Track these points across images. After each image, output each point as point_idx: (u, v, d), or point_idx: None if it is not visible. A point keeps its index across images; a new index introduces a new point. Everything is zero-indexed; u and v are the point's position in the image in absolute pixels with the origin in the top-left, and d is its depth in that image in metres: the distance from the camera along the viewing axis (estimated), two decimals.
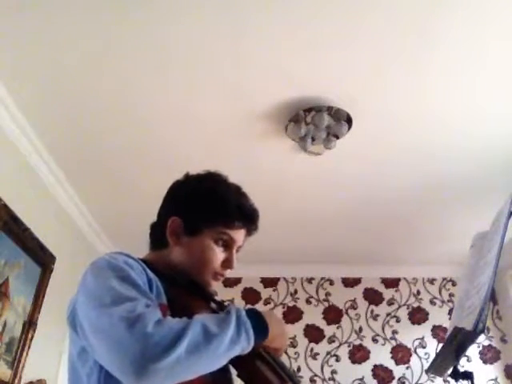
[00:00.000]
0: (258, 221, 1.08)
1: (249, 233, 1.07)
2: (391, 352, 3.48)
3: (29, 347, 2.28)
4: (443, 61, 1.90)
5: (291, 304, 3.67)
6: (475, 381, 0.95)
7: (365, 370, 3.42)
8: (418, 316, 3.60)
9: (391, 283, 3.73)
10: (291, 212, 3.00)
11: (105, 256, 0.91)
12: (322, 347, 3.50)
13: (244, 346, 0.81)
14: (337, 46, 1.83)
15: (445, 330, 3.43)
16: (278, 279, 3.77)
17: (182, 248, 1.01)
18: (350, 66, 1.93)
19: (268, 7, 1.67)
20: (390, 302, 3.66)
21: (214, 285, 1.03)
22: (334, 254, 3.55)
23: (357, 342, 3.52)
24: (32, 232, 2.33)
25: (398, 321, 3.59)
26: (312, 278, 3.76)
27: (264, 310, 3.42)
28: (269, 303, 3.67)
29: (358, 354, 3.48)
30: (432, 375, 3.31)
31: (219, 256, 1.01)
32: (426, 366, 3.33)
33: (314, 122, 2.15)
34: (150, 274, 0.90)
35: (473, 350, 3.40)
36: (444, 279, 3.72)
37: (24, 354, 2.25)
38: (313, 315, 3.62)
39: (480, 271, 1.04)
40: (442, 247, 3.41)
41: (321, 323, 3.59)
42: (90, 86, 2.04)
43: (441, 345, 3.44)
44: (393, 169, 2.59)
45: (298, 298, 3.70)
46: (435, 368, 1.16)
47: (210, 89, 2.05)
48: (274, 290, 3.73)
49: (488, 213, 1.32)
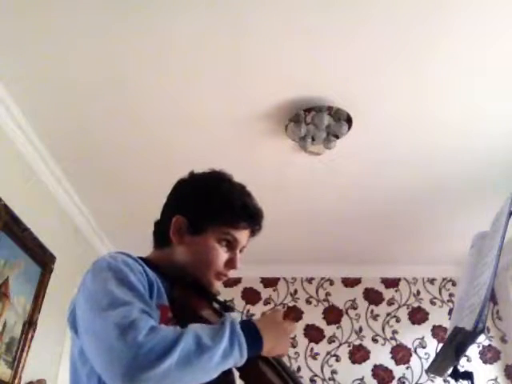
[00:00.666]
0: (262, 221, 1.07)
1: (252, 233, 1.07)
2: (391, 352, 3.48)
3: (29, 347, 2.28)
4: (443, 61, 1.89)
5: (291, 304, 3.67)
6: (475, 381, 0.95)
7: (365, 369, 3.42)
8: (418, 316, 3.61)
9: (391, 283, 3.73)
10: (291, 212, 3.00)
11: (105, 256, 0.90)
12: (322, 347, 3.50)
13: (236, 360, 0.80)
14: (337, 46, 1.83)
15: (445, 330, 3.43)
16: (278, 279, 3.77)
17: (186, 247, 1.00)
18: (350, 65, 1.93)
19: (268, 7, 1.67)
20: (390, 302, 3.66)
21: (217, 285, 1.02)
22: (334, 254, 3.55)
23: (357, 342, 3.52)
24: (32, 232, 2.33)
25: (397, 321, 3.59)
26: (312, 278, 3.76)
27: (261, 311, 3.38)
28: (269, 303, 3.67)
29: (358, 354, 3.48)
30: (432, 375, 3.31)
31: (222, 256, 1.00)
32: (426, 366, 3.33)
33: (314, 122, 2.15)
34: (151, 274, 0.90)
35: (473, 350, 3.40)
36: (444, 279, 3.72)
37: (24, 354, 2.24)
38: (313, 315, 3.62)
39: (480, 271, 1.04)
40: (442, 247, 3.41)
41: (321, 323, 3.59)
42: (90, 86, 2.04)
43: (441, 345, 3.44)
44: (392, 169, 2.59)
45: (298, 298, 3.70)
46: (435, 368, 1.16)
47: (210, 89, 2.05)
48: (274, 290, 3.73)
49: (488, 213, 1.32)
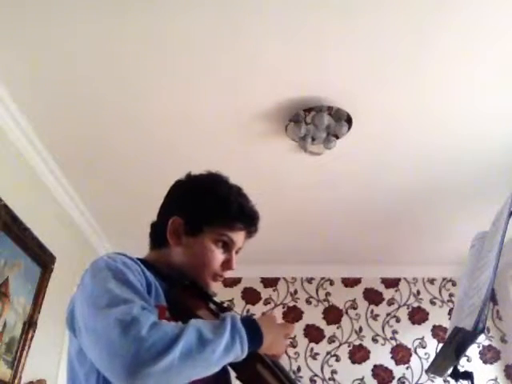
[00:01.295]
0: (259, 223, 1.08)
1: (249, 235, 1.07)
2: (391, 352, 3.48)
3: (29, 347, 2.28)
4: (443, 61, 1.89)
5: (291, 304, 3.67)
6: (475, 381, 0.95)
7: (365, 370, 3.42)
8: (417, 316, 3.60)
9: (391, 283, 3.73)
10: (291, 212, 3.00)
11: (104, 257, 0.91)
12: (322, 347, 3.50)
13: (238, 354, 0.81)
14: (337, 45, 1.83)
15: (445, 330, 3.43)
16: (278, 279, 3.76)
17: (182, 248, 1.01)
18: (350, 65, 1.93)
19: (268, 7, 1.67)
20: (390, 302, 3.66)
21: (214, 286, 1.03)
22: (334, 254, 3.55)
23: (357, 342, 3.52)
24: (32, 232, 2.33)
25: (397, 321, 3.59)
26: (312, 278, 3.76)
27: (266, 312, 3.39)
28: (269, 303, 3.67)
29: (358, 354, 3.48)
30: (432, 375, 3.31)
31: (219, 257, 1.01)
32: (426, 366, 3.33)
33: (314, 122, 2.15)
34: (149, 274, 0.90)
35: (473, 350, 3.40)
36: (444, 279, 3.72)
37: (24, 353, 2.24)
38: (313, 315, 3.62)
39: (480, 271, 1.04)
40: (442, 247, 3.41)
41: (321, 323, 3.59)
42: (91, 88, 2.04)
43: (441, 345, 3.44)
44: (392, 169, 2.59)
45: (298, 298, 3.70)
46: (435, 368, 1.17)
47: (210, 89, 2.05)
48: (274, 290, 3.73)
49: (488, 213, 1.32)
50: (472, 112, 2.18)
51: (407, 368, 3.42)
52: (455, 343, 0.98)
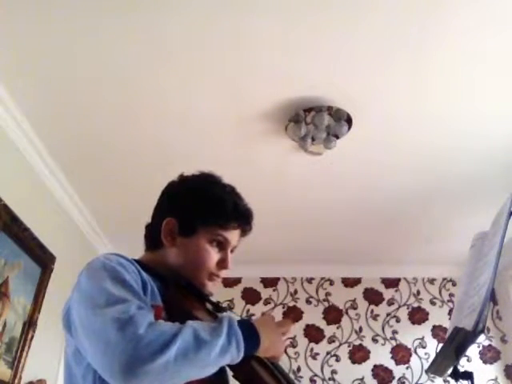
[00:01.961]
0: (253, 221, 1.08)
1: (243, 233, 1.08)
2: (391, 352, 3.48)
3: (29, 347, 2.28)
4: (443, 61, 1.89)
5: (291, 304, 3.67)
6: (475, 381, 0.95)
7: (365, 370, 3.42)
8: (417, 316, 3.60)
9: (391, 283, 3.73)
10: (291, 212, 3.00)
11: (99, 257, 0.91)
12: (322, 347, 3.50)
13: (234, 356, 0.81)
14: (337, 46, 1.83)
15: (445, 330, 3.43)
16: (278, 279, 3.76)
17: (177, 249, 1.01)
18: (350, 65, 1.93)
19: (267, 7, 1.67)
20: (390, 302, 3.66)
21: (210, 285, 1.03)
22: (334, 254, 3.55)
23: (357, 342, 3.52)
24: (32, 232, 2.33)
25: (397, 321, 3.59)
26: (312, 278, 3.76)
27: (266, 312, 3.39)
28: (269, 303, 3.67)
29: (358, 354, 3.48)
30: (432, 375, 3.31)
31: (214, 257, 1.01)
32: (426, 366, 3.33)
33: (314, 122, 2.15)
34: (145, 275, 0.90)
35: (473, 350, 3.40)
36: (444, 279, 3.72)
37: (24, 353, 2.24)
38: (313, 315, 3.62)
39: (480, 271, 1.04)
40: (442, 247, 3.41)
41: (321, 323, 3.59)
42: (90, 87, 2.04)
43: (441, 345, 3.44)
44: (392, 169, 2.59)
45: (298, 298, 3.70)
46: (435, 368, 1.17)
47: (210, 88, 2.05)
48: (274, 290, 3.73)
49: (488, 213, 1.32)
50: (472, 112, 2.18)
51: (407, 368, 3.42)
52: (455, 343, 0.98)
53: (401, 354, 3.47)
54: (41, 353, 2.43)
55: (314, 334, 3.55)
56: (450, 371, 1.01)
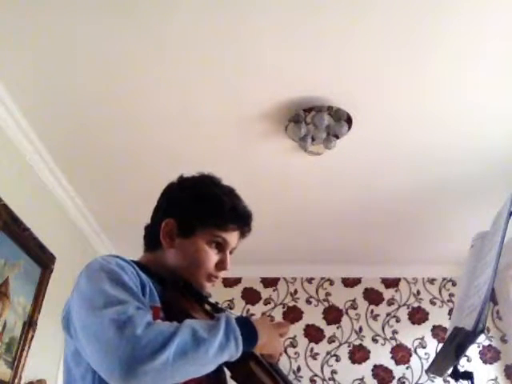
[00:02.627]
0: (252, 223, 1.08)
1: (242, 235, 1.08)
2: (391, 352, 3.48)
3: (29, 347, 2.28)
4: (443, 61, 1.89)
5: (291, 304, 3.67)
6: (475, 381, 0.95)
7: (365, 369, 3.42)
8: (417, 316, 3.60)
9: (391, 283, 3.73)
10: (291, 212, 3.00)
11: (98, 258, 0.91)
12: (322, 347, 3.50)
13: (232, 353, 0.81)
14: (337, 46, 1.83)
15: (445, 330, 3.43)
16: (278, 279, 3.76)
17: (176, 250, 1.01)
18: (350, 65, 1.93)
19: (267, 7, 1.67)
20: (390, 302, 3.66)
21: (209, 286, 1.03)
22: (334, 254, 3.55)
23: (357, 342, 3.52)
24: (32, 232, 2.33)
25: (397, 321, 3.59)
26: (312, 278, 3.76)
27: (265, 312, 3.39)
28: (269, 303, 3.67)
29: (358, 354, 3.48)
30: (432, 375, 3.31)
31: (213, 258, 1.01)
32: (426, 366, 3.33)
33: (314, 122, 2.15)
34: (143, 276, 0.91)
35: (473, 350, 3.39)
36: (444, 279, 3.72)
37: (24, 353, 2.25)
38: (313, 315, 3.62)
39: (480, 271, 1.04)
40: (442, 247, 3.41)
41: (321, 323, 3.59)
42: (91, 87, 2.04)
43: (441, 345, 3.44)
44: (392, 169, 2.59)
45: (298, 298, 3.70)
46: (435, 368, 1.17)
47: (210, 89, 2.05)
48: (273, 290, 3.73)
49: (488, 213, 1.32)
50: (472, 112, 2.17)
51: (407, 368, 3.42)
52: (455, 343, 0.98)
53: (401, 354, 3.47)
54: (41, 353, 2.43)
55: (314, 334, 3.55)
56: (449, 371, 1.01)
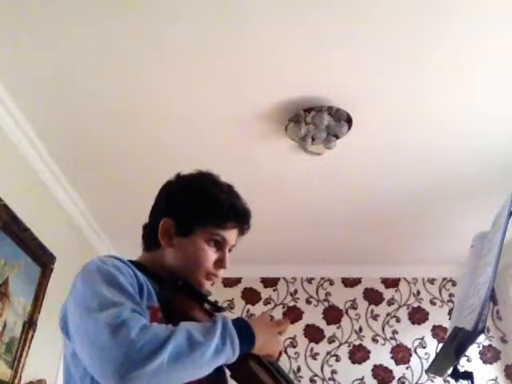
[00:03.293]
0: (251, 220, 1.07)
1: (241, 232, 1.07)
2: (391, 352, 3.48)
3: (29, 347, 2.28)
4: (442, 61, 1.90)
5: (291, 304, 3.67)
6: (475, 381, 0.95)
7: (365, 369, 3.42)
8: (417, 316, 3.60)
9: (391, 283, 3.72)
10: (291, 212, 3.00)
11: (94, 260, 0.90)
12: (322, 347, 3.50)
13: (229, 356, 0.80)
14: (337, 46, 1.83)
15: (445, 330, 3.43)
16: (278, 279, 3.76)
17: (175, 249, 1.00)
18: (350, 66, 1.93)
19: (267, 7, 1.67)
20: (390, 302, 3.66)
21: (208, 285, 1.02)
22: (334, 254, 3.55)
23: (357, 342, 3.52)
24: (32, 232, 2.33)
25: (398, 321, 3.59)
26: (312, 278, 3.76)
27: (261, 311, 3.39)
28: (269, 303, 3.67)
29: (358, 354, 3.48)
30: (432, 375, 3.31)
31: (212, 256, 1.01)
32: (426, 366, 3.33)
33: (314, 122, 2.15)
34: (141, 276, 0.90)
35: (473, 350, 3.39)
36: (444, 279, 3.72)
37: (24, 353, 2.24)
38: (313, 315, 3.62)
39: (480, 271, 1.04)
40: (442, 247, 3.41)
41: (321, 323, 3.59)
42: (90, 87, 2.04)
43: (441, 345, 3.44)
44: (392, 169, 2.59)
45: (298, 298, 3.70)
46: (435, 368, 1.17)
47: (210, 89, 2.05)
48: (274, 290, 3.73)
49: (488, 213, 1.32)
50: (472, 112, 2.18)
51: (407, 368, 3.42)
52: (455, 343, 0.98)
53: (401, 354, 3.47)
54: (41, 353, 2.43)
55: (314, 334, 3.55)
56: (449, 371, 1.01)
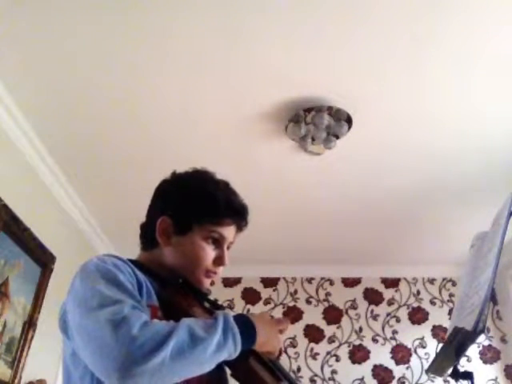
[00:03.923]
0: (248, 216, 1.06)
1: (239, 229, 1.06)
2: (391, 352, 3.48)
3: (29, 347, 2.28)
4: (442, 61, 1.89)
5: (291, 304, 3.67)
6: (475, 381, 0.95)
7: (365, 370, 3.42)
8: (417, 316, 3.60)
9: (391, 283, 3.72)
10: (291, 212, 3.00)
11: (93, 258, 0.90)
12: (322, 347, 3.50)
13: (231, 351, 0.80)
14: (337, 46, 1.83)
15: (445, 330, 3.43)
16: (278, 279, 3.76)
17: (173, 248, 1.00)
18: (350, 65, 1.93)
19: (267, 7, 1.67)
20: (390, 302, 3.66)
21: (207, 283, 1.02)
22: (334, 254, 3.55)
23: (357, 342, 3.52)
24: (32, 232, 2.33)
25: (398, 321, 3.59)
26: (312, 278, 3.76)
27: (261, 311, 3.41)
28: (269, 303, 3.67)
29: (358, 354, 3.47)
30: (432, 375, 3.31)
31: (210, 254, 1.00)
32: (426, 366, 3.33)
33: (314, 122, 2.15)
34: (140, 275, 0.90)
35: (473, 350, 3.39)
36: (444, 279, 3.72)
37: (24, 353, 2.25)
38: (313, 315, 3.61)
39: (480, 271, 1.04)
40: (442, 247, 3.41)
41: (321, 323, 3.59)
42: (91, 87, 2.04)
43: (441, 345, 3.44)
44: (392, 169, 2.59)
45: (298, 298, 3.70)
46: (435, 368, 1.17)
47: (210, 89, 2.05)
48: (274, 290, 3.73)
49: (488, 213, 1.32)
50: (472, 112, 2.18)
51: (407, 368, 3.42)
52: (455, 343, 0.98)
53: (401, 354, 3.47)
54: (41, 353, 2.43)
55: (314, 333, 3.54)
56: (449, 371, 1.01)
